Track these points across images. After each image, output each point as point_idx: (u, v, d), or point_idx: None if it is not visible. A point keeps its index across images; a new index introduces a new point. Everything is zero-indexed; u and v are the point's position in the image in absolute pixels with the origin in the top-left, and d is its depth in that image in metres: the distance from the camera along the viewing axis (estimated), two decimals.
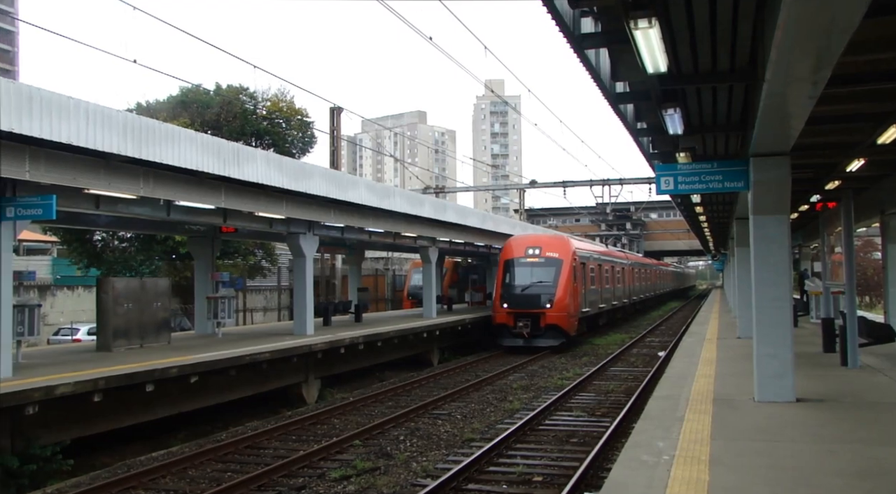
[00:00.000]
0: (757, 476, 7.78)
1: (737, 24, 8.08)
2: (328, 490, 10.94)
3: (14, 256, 15.47)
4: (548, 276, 29.41)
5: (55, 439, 13.17)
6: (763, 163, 12.08)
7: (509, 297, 29.53)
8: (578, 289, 30.78)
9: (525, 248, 30.82)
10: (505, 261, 31.06)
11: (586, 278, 33.04)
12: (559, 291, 28.97)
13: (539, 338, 28.69)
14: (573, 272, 29.91)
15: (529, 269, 29.98)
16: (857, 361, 15.48)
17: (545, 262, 29.98)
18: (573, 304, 29.63)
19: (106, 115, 14.15)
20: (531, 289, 29.37)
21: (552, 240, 32.81)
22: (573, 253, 30.70)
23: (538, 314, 28.77)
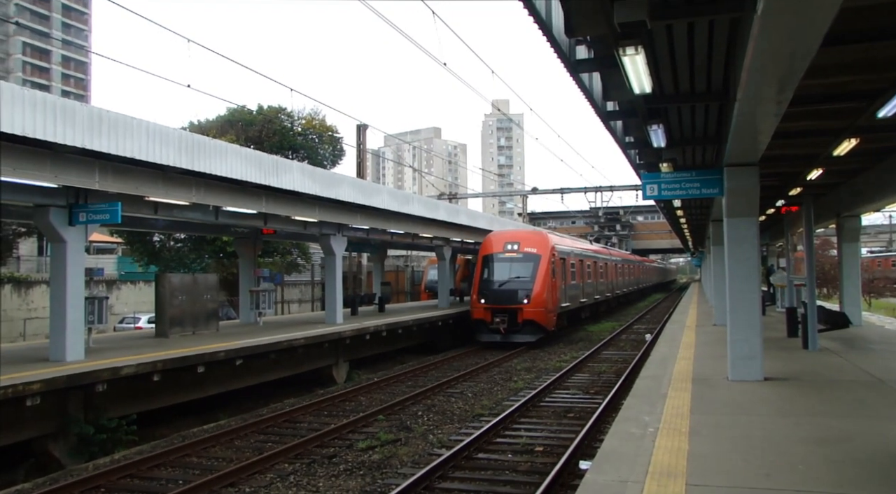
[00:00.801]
0: (730, 444, 7.80)
1: (712, 53, 8.09)
2: (356, 458, 11.00)
3: (85, 255, 15.62)
4: (526, 271, 25.85)
5: (121, 413, 13.31)
6: (735, 173, 12.08)
7: (487, 292, 25.90)
8: (557, 284, 27.14)
9: (504, 243, 27.04)
10: (483, 257, 27.22)
11: (566, 273, 29.21)
12: (537, 286, 25.36)
13: (516, 334, 25.23)
14: (551, 267, 26.36)
15: (507, 264, 26.36)
16: (816, 345, 15.44)
17: (523, 258, 26.29)
18: (551, 299, 26.09)
19: (163, 133, 14.27)
20: (509, 285, 25.78)
21: (530, 235, 28.59)
22: (552, 248, 27.00)
23: (515, 309, 25.23)
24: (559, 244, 29.07)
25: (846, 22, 6.65)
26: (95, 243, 52.89)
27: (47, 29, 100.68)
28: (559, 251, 28.08)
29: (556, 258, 27.20)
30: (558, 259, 27.60)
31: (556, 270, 26.90)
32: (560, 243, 29.81)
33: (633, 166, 17.57)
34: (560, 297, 27.59)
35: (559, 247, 28.56)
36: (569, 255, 30.21)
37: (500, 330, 25.13)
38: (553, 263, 26.60)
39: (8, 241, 32.71)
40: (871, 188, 17.82)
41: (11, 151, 11.99)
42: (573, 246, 33.51)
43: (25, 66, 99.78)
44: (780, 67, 6.84)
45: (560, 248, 28.57)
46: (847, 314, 19.96)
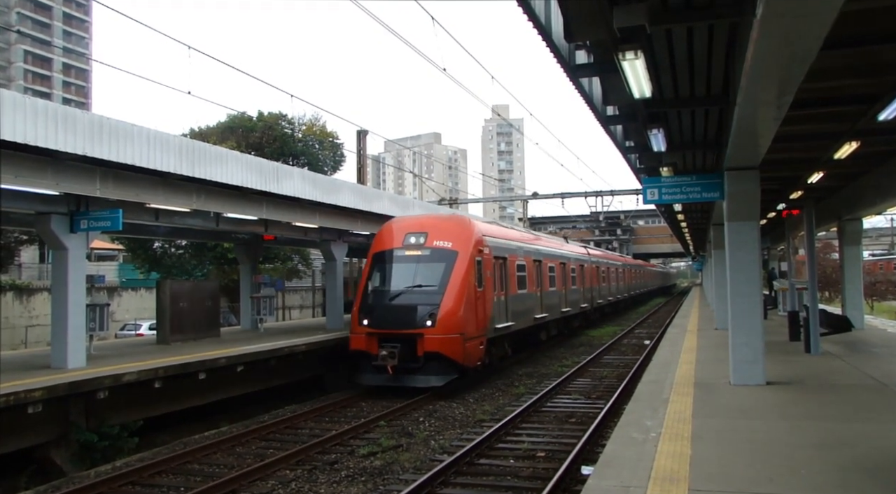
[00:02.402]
0: (733, 449, 7.77)
1: (711, 57, 8.10)
2: (357, 464, 10.97)
3: (87, 262, 15.64)
4: (432, 277, 17.33)
5: (122, 420, 13.30)
6: (736, 177, 12.07)
7: (372, 311, 17.21)
8: (489, 296, 18.52)
9: (404, 235, 18.31)
10: (374, 255, 18.46)
11: (507, 279, 20.49)
12: (448, 300, 16.68)
13: (413, 374, 16.50)
14: (477, 270, 17.80)
15: (406, 267, 17.81)
16: (818, 348, 15.40)
17: (431, 256, 17.69)
18: (473, 319, 17.27)
19: (164, 140, 14.30)
20: (404, 298, 17.15)
21: (444, 222, 19.27)
22: (478, 241, 18.25)
23: (412, 336, 16.53)
24: (493, 236, 20.23)
25: (846, 25, 6.66)
26: (97, 250, 52.96)
27: (48, 37, 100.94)
28: (493, 246, 19.50)
29: (487, 256, 18.73)
30: (490, 258, 18.94)
31: (484, 274, 18.32)
32: (496, 234, 20.81)
33: (634, 170, 17.58)
34: (495, 314, 19.08)
35: (493, 240, 19.84)
36: (514, 253, 21.68)
37: (388, 367, 16.30)
38: (480, 264, 18.13)
39: (10, 249, 32.76)
40: (872, 191, 17.82)
41: (13, 159, 12.01)
42: (523, 240, 24.21)
43: (27, 74, 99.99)
44: (780, 71, 6.84)
45: (494, 243, 19.84)
46: (849, 317, 19.94)
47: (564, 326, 30.15)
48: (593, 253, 39.66)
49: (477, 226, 19.19)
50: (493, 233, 20.71)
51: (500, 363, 20.75)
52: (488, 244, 19.08)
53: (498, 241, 20.38)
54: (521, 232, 26.40)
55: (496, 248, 19.76)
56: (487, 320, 18.32)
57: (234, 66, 23.19)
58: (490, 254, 19.00)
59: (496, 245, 19.92)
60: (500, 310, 19.61)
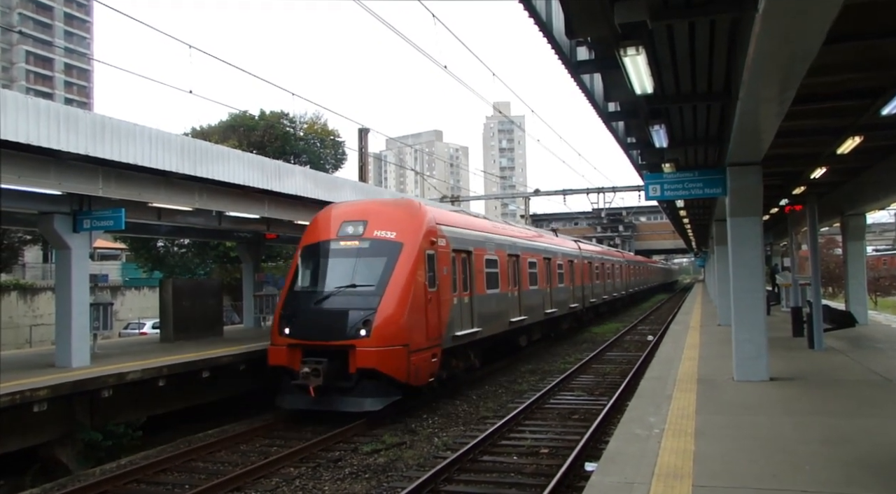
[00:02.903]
0: (736, 445, 7.78)
1: (713, 53, 8.08)
2: (361, 462, 10.97)
3: (90, 261, 15.67)
4: (370, 275, 14.19)
5: (127, 418, 13.32)
6: (738, 172, 12.06)
7: (294, 317, 14.17)
8: (445, 297, 15.30)
9: (339, 224, 15.15)
10: (303, 249, 15.45)
11: (472, 276, 17.20)
12: (388, 304, 13.61)
13: (343, 396, 13.41)
14: (427, 266, 14.64)
15: (338, 262, 14.68)
16: (822, 344, 15.40)
17: (369, 249, 14.56)
18: (421, 327, 14.14)
19: (166, 139, 14.31)
20: (333, 301, 14.09)
21: (388, 207, 16.05)
22: (430, 231, 15.04)
23: (342, 349, 13.47)
24: (453, 225, 16.78)
25: (848, 20, 6.63)
26: (100, 249, 53.01)
27: (50, 38, 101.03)
28: (452, 237, 16.17)
29: (443, 249, 15.51)
30: (447, 251, 15.70)
31: (439, 271, 15.12)
32: (457, 223, 17.30)
33: (636, 167, 17.56)
34: (454, 319, 15.85)
35: (452, 230, 16.40)
36: (481, 246, 18.28)
37: (310, 387, 13.15)
38: (433, 258, 14.96)
39: (13, 249, 32.82)
40: (875, 186, 17.78)
41: (16, 159, 12.04)
42: (495, 231, 20.52)
43: (29, 74, 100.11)
44: (782, 66, 6.83)
45: (454, 233, 16.40)
46: (853, 313, 19.92)
47: (551, 329, 27.18)
48: (586, 247, 36.68)
49: (430, 213, 15.60)
50: (453, 221, 17.23)
51: (466, 375, 17.63)
52: (445, 234, 15.71)
53: (459, 232, 16.90)
54: (494, 222, 22.47)
55: (457, 240, 16.43)
56: (443, 327, 15.05)
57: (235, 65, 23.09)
58: (447, 247, 15.71)
59: (457, 236, 16.53)
60: (461, 314, 16.37)
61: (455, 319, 15.90)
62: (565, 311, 28.30)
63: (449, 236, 15.92)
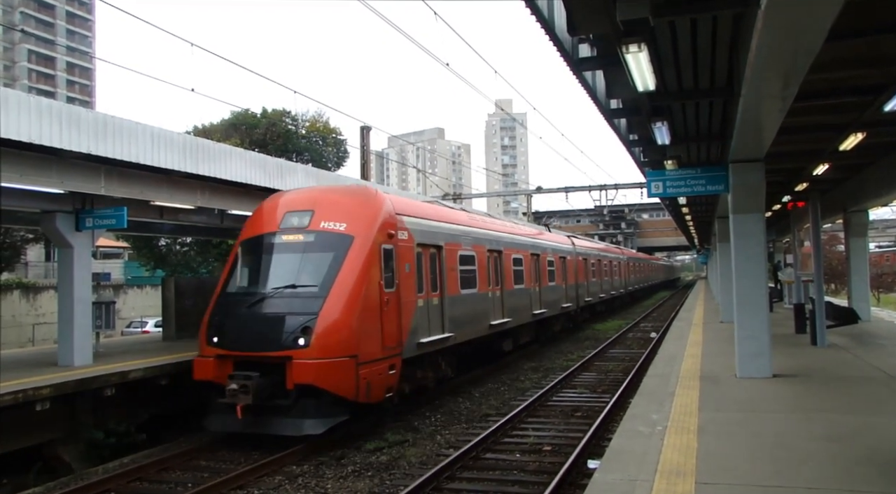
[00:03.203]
0: (739, 441, 7.77)
1: (715, 49, 8.06)
2: (364, 459, 10.97)
3: (92, 260, 15.69)
4: (314, 273, 12.34)
5: (130, 417, 13.33)
6: (740, 169, 12.04)
7: (224, 324, 12.34)
8: (407, 299, 13.41)
9: (283, 214, 13.25)
10: (241, 244, 13.60)
11: (443, 274, 15.24)
12: (332, 307, 11.72)
13: (280, 417, 11.49)
14: (384, 262, 12.73)
15: (279, 259, 12.86)
16: (825, 341, 15.38)
17: (315, 243, 12.68)
18: (375, 334, 12.20)
19: (168, 138, 14.32)
20: (268, 305, 12.23)
21: (340, 195, 13.92)
22: (388, 222, 13.20)
23: (278, 361, 11.57)
24: (418, 216, 14.79)
25: (851, 16, 6.61)
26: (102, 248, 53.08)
27: (52, 36, 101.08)
28: (417, 230, 14.29)
29: (405, 244, 13.66)
30: (409, 246, 13.83)
31: (399, 268, 13.18)
32: (423, 214, 15.24)
33: (638, 164, 17.53)
34: (419, 324, 13.93)
35: (416, 222, 14.46)
36: (454, 240, 16.30)
37: (238, 406, 11.16)
38: (391, 254, 13.02)
39: (16, 247, 32.85)
40: (878, 182, 17.75)
41: (18, 158, 12.05)
42: (472, 224, 18.33)
43: (31, 73, 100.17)
44: (785, 63, 6.81)
45: (419, 225, 14.51)
46: (855, 309, 19.87)
47: (541, 331, 25.03)
48: (580, 243, 34.47)
49: (388, 202, 13.61)
50: (419, 211, 15.10)
51: (438, 387, 15.68)
52: (408, 227, 13.82)
53: (426, 224, 14.90)
54: (472, 214, 19.99)
55: (423, 233, 14.49)
56: (403, 333, 13.06)
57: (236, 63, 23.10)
58: (410, 241, 13.83)
59: (423, 229, 14.58)
60: (429, 318, 14.47)
61: (420, 324, 14.00)
62: (557, 312, 26.40)
63: (413, 229, 14.05)
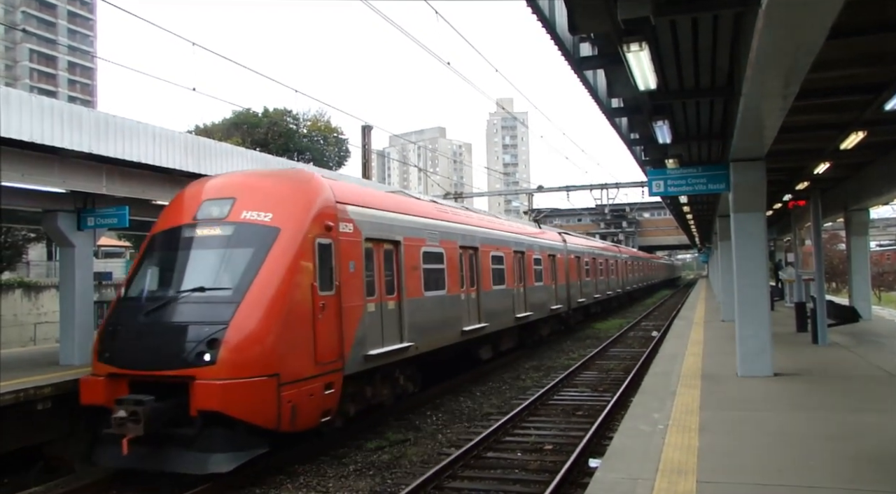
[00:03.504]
0: (741, 440, 7.77)
1: (716, 48, 8.07)
2: (365, 458, 10.97)
3: (94, 259, 15.69)
4: (229, 273, 10.05)
5: None
6: (741, 168, 12.03)
7: (116, 336, 10.00)
8: (351, 304, 11.26)
9: (200, 203, 10.99)
10: (151, 238, 11.32)
11: (399, 275, 13.22)
12: (248, 314, 9.44)
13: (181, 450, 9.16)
14: (320, 260, 10.58)
15: (188, 256, 10.55)
16: (826, 339, 15.37)
17: (233, 236, 10.37)
18: (304, 346, 9.97)
19: (169, 137, 14.32)
20: (168, 312, 9.90)
21: (268, 181, 11.59)
22: (326, 212, 11.01)
23: (178, 381, 9.24)
24: (369, 206, 12.51)
25: (852, 14, 6.61)
26: (104, 247, 53.12)
27: (53, 35, 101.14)
28: (366, 222, 12.10)
29: (349, 238, 11.48)
30: (356, 240, 11.68)
31: (341, 267, 11.05)
32: (376, 204, 12.94)
33: (639, 163, 17.52)
34: (367, 334, 11.77)
35: (366, 213, 12.22)
36: (416, 235, 14.05)
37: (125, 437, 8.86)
38: (330, 250, 10.89)
39: (17, 246, 32.89)
40: (879, 181, 17.74)
41: (20, 157, 12.05)
42: (440, 216, 15.87)
43: (32, 72, 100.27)
44: (786, 61, 6.81)
45: (369, 217, 12.32)
46: (856, 308, 19.85)
47: (528, 335, 23.00)
48: (573, 240, 32.04)
49: (327, 189, 11.23)
50: (370, 201, 12.64)
51: (396, 404, 13.75)
52: (354, 218, 11.59)
53: (379, 216, 12.63)
54: (441, 205, 17.42)
55: (374, 226, 12.29)
56: (346, 344, 10.90)
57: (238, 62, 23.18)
58: (357, 235, 11.60)
59: (374, 220, 12.35)
60: (382, 326, 12.35)
61: (369, 333, 11.78)
62: (545, 314, 24.17)
63: (360, 220, 11.77)
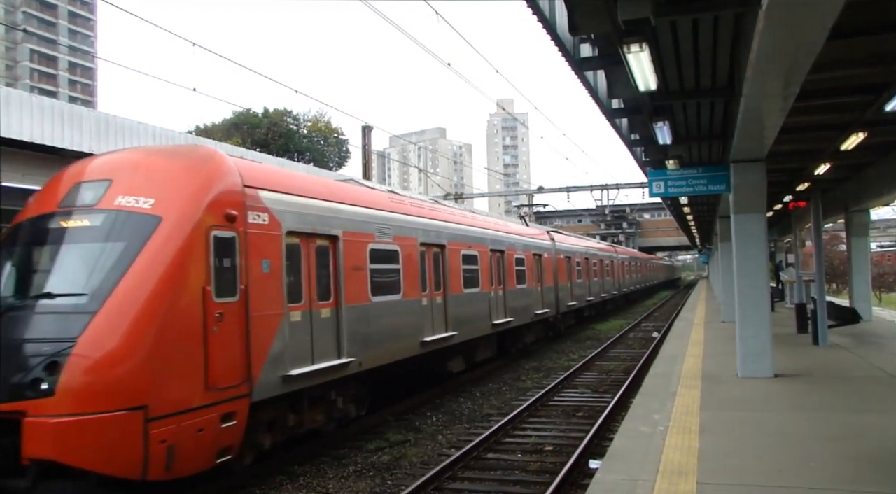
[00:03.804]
0: (741, 441, 7.76)
1: (716, 49, 8.08)
2: (365, 459, 10.95)
3: None
4: (88, 276, 7.41)
5: None
6: (742, 169, 12.04)
7: None
8: (262, 314, 8.68)
9: (71, 186, 8.37)
10: (10, 230, 8.58)
11: (336, 277, 10.66)
12: (103, 329, 6.93)
13: None
14: (212, 257, 7.96)
15: (46, 252, 7.96)
16: (826, 340, 15.37)
17: (101, 228, 7.76)
18: (189, 368, 7.48)
19: (169, 137, 14.34)
20: (5, 328, 7.10)
21: (153, 159, 8.76)
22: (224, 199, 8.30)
23: (9, 418, 6.50)
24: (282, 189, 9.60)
25: (852, 15, 6.61)
26: None
27: (54, 36, 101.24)
28: (283, 210, 9.43)
29: (260, 229, 8.91)
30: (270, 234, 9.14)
31: (247, 267, 8.56)
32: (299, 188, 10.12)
33: (639, 163, 17.53)
34: (286, 349, 9.29)
35: (283, 199, 9.52)
36: (357, 228, 11.45)
37: None
38: (229, 245, 8.34)
39: None
40: (879, 182, 17.74)
41: (20, 157, 12.05)
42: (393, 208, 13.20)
43: (33, 72, 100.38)
44: (786, 62, 6.81)
45: (288, 205, 9.60)
46: (857, 309, 19.87)
47: (510, 343, 20.77)
48: (563, 239, 29.18)
49: (231, 169, 8.73)
50: (295, 186, 9.94)
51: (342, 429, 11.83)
52: (271, 206, 9.10)
53: (307, 205, 9.92)
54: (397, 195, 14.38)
55: (300, 216, 9.72)
56: (256, 362, 8.55)
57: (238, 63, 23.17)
58: (275, 227, 9.13)
59: (300, 210, 9.73)
60: (311, 338, 9.95)
61: (291, 347, 9.37)
62: (528, 320, 21.62)
63: (280, 210, 9.25)
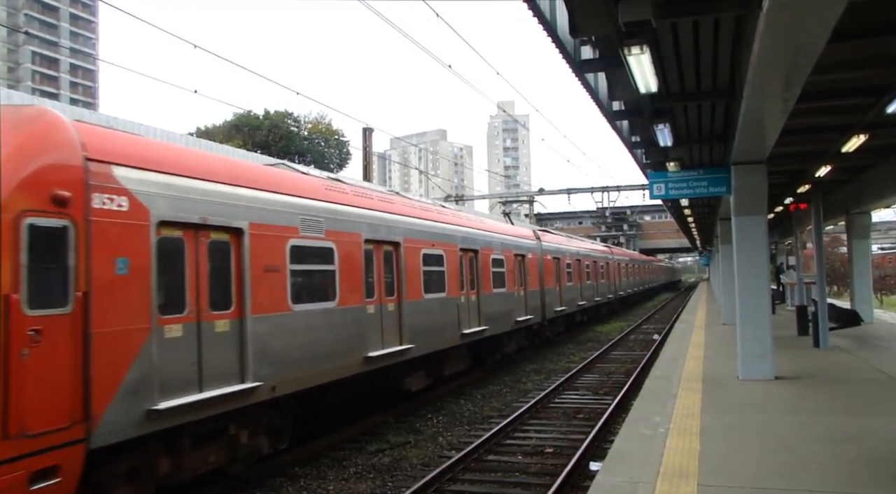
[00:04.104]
0: (742, 444, 7.75)
1: (717, 51, 8.07)
2: (366, 461, 10.94)
3: None
4: None
5: None
6: (742, 171, 12.03)
7: None
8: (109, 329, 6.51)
9: None
10: None
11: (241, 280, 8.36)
12: None
13: None
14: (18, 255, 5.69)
15: None
16: (827, 343, 15.35)
17: None
18: None
19: (170, 138, 14.34)
20: None
21: None
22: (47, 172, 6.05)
23: None
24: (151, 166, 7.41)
25: (853, 17, 6.60)
26: None
27: (55, 38, 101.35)
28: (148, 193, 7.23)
29: (114, 216, 6.77)
30: (127, 224, 6.93)
31: (92, 268, 6.42)
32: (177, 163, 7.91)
33: (640, 165, 17.51)
34: (146, 375, 6.99)
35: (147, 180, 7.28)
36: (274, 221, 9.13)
37: None
38: (60, 238, 6.20)
39: None
40: (881, 184, 17.72)
41: None
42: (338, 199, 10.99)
43: (34, 75, 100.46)
44: (787, 64, 6.80)
45: (154, 186, 7.36)
46: (858, 311, 19.84)
47: (487, 353, 18.51)
48: (551, 239, 26.53)
49: (68, 136, 6.61)
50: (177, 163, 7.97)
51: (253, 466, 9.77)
52: (132, 188, 7.13)
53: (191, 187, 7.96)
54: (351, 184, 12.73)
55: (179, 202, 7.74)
56: (98, 396, 6.54)
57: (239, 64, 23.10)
58: (141, 216, 7.18)
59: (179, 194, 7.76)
60: (197, 359, 7.88)
61: (164, 372, 7.32)
62: (508, 328, 19.28)
63: (146, 193, 7.30)
